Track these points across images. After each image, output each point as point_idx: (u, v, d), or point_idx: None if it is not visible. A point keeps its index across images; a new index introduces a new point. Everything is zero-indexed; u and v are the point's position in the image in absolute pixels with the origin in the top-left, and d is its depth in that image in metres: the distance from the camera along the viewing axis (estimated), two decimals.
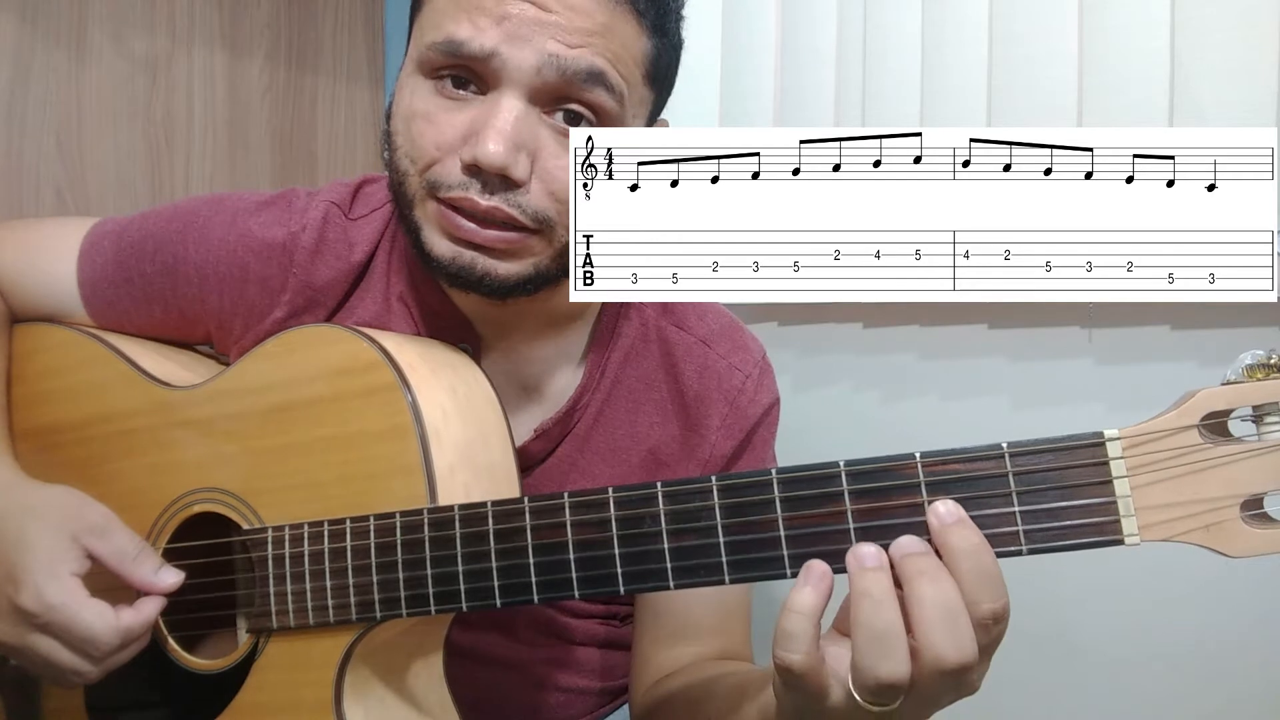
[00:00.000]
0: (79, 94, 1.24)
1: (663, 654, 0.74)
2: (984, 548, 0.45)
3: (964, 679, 0.45)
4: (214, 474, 0.66)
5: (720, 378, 0.75)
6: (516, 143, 0.59)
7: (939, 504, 0.46)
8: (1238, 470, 0.45)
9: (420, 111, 0.62)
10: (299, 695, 0.61)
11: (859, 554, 0.46)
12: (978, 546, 0.45)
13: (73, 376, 0.73)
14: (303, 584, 0.61)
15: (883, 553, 0.46)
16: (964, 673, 0.44)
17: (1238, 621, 0.91)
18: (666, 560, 0.51)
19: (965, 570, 0.45)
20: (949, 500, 0.46)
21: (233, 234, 0.73)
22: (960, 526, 0.46)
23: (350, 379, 0.62)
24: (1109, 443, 0.46)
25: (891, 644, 0.44)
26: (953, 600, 0.44)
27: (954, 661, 0.44)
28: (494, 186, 0.60)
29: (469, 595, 0.56)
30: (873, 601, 0.45)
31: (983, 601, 0.44)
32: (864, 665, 0.44)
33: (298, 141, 1.49)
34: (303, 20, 1.49)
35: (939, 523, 0.46)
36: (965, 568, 0.45)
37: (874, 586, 0.45)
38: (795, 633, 0.45)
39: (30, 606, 0.60)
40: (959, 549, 0.45)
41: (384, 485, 0.60)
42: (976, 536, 0.45)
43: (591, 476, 0.75)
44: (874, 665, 0.44)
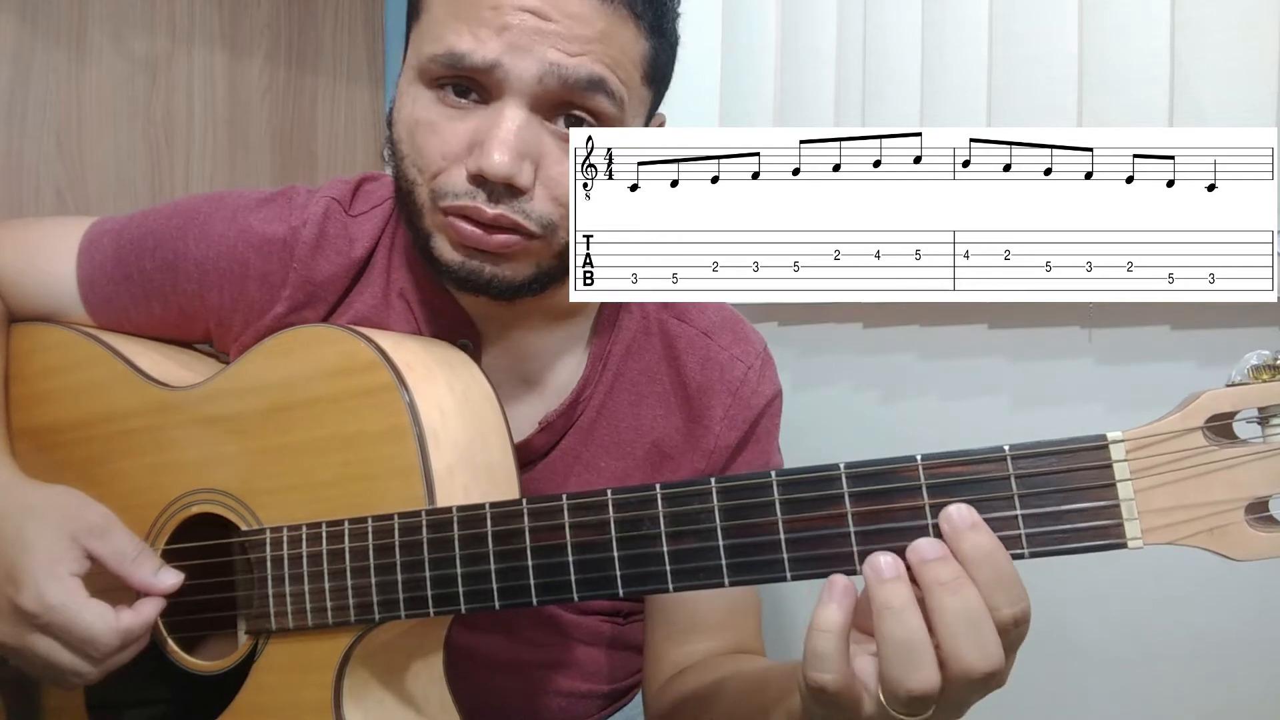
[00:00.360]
0: (79, 94, 1.24)
1: (675, 650, 0.74)
2: (1000, 551, 0.45)
3: (992, 682, 0.45)
4: (212, 475, 0.66)
5: (723, 369, 0.75)
6: (520, 152, 0.60)
7: (951, 508, 0.46)
8: (1243, 473, 0.45)
9: (424, 121, 0.62)
10: (298, 697, 0.61)
11: (876, 565, 0.45)
12: (993, 550, 0.45)
13: (71, 376, 0.73)
14: (301, 585, 0.61)
15: (899, 561, 0.45)
16: (992, 678, 0.44)
17: (1238, 621, 0.91)
18: (665, 563, 0.51)
19: (984, 577, 0.44)
20: (961, 505, 0.46)
21: (233, 230, 0.73)
22: (975, 532, 0.45)
23: (348, 379, 0.62)
24: (1112, 445, 0.46)
25: (919, 655, 0.44)
26: (975, 609, 0.44)
27: (982, 670, 0.43)
28: (499, 195, 0.61)
29: (467, 597, 0.55)
30: (894, 613, 0.44)
31: (1003, 607, 0.44)
32: (893, 677, 0.44)
33: (298, 141, 1.49)
34: (303, 20, 1.49)
35: (952, 528, 0.45)
36: (984, 575, 0.44)
37: (894, 598, 0.44)
38: (826, 653, 0.45)
39: (30, 607, 0.60)
40: (975, 555, 0.45)
41: (382, 486, 0.60)
42: (992, 540, 0.45)
43: (596, 470, 0.75)
44: (903, 678, 0.44)
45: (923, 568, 0.45)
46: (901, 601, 0.44)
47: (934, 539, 0.46)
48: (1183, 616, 0.94)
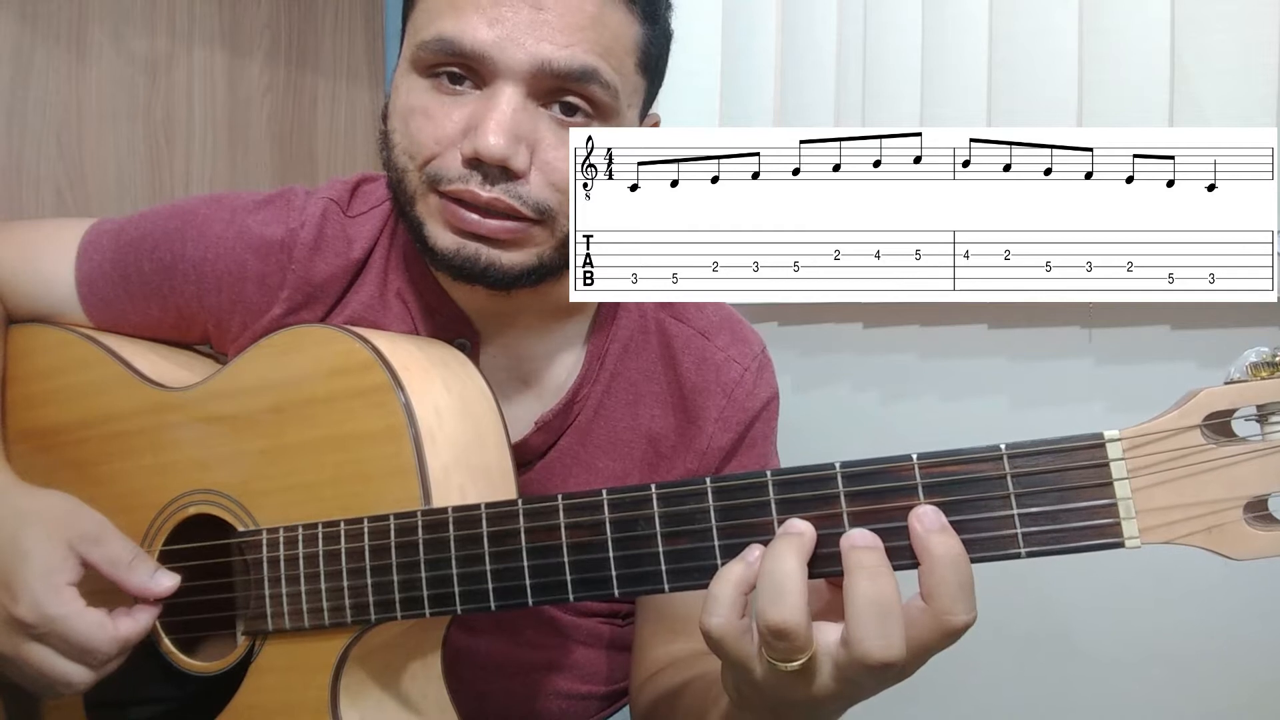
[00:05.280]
0: (79, 94, 1.24)
1: (660, 649, 0.74)
2: (964, 557, 0.45)
3: (889, 673, 0.46)
4: (209, 475, 0.65)
5: (718, 370, 0.75)
6: (516, 134, 0.60)
7: (922, 508, 0.46)
8: (1241, 471, 0.44)
9: (418, 108, 0.62)
10: (296, 697, 0.61)
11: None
12: (959, 556, 0.45)
13: (69, 378, 0.73)
14: (298, 586, 0.60)
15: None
16: (889, 668, 0.45)
17: (1237, 622, 0.91)
18: (661, 563, 0.51)
19: (951, 579, 0.45)
20: (930, 506, 0.46)
21: (231, 231, 0.73)
22: (944, 534, 0.46)
23: (344, 380, 0.61)
24: (1109, 444, 0.45)
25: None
26: (888, 599, 0.45)
27: (879, 659, 0.44)
28: (495, 178, 0.60)
29: (463, 598, 0.55)
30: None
31: (961, 614, 0.45)
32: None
33: (298, 141, 1.49)
34: (303, 20, 1.49)
35: (922, 528, 0.46)
36: (951, 577, 0.45)
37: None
38: (719, 598, 0.47)
39: (27, 618, 0.60)
40: (941, 556, 0.45)
41: (378, 487, 0.59)
42: (959, 546, 0.45)
43: (594, 470, 0.75)
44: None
45: (851, 552, 0.46)
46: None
47: (868, 531, 0.47)
48: (1183, 617, 0.94)
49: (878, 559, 0.46)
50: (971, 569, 0.46)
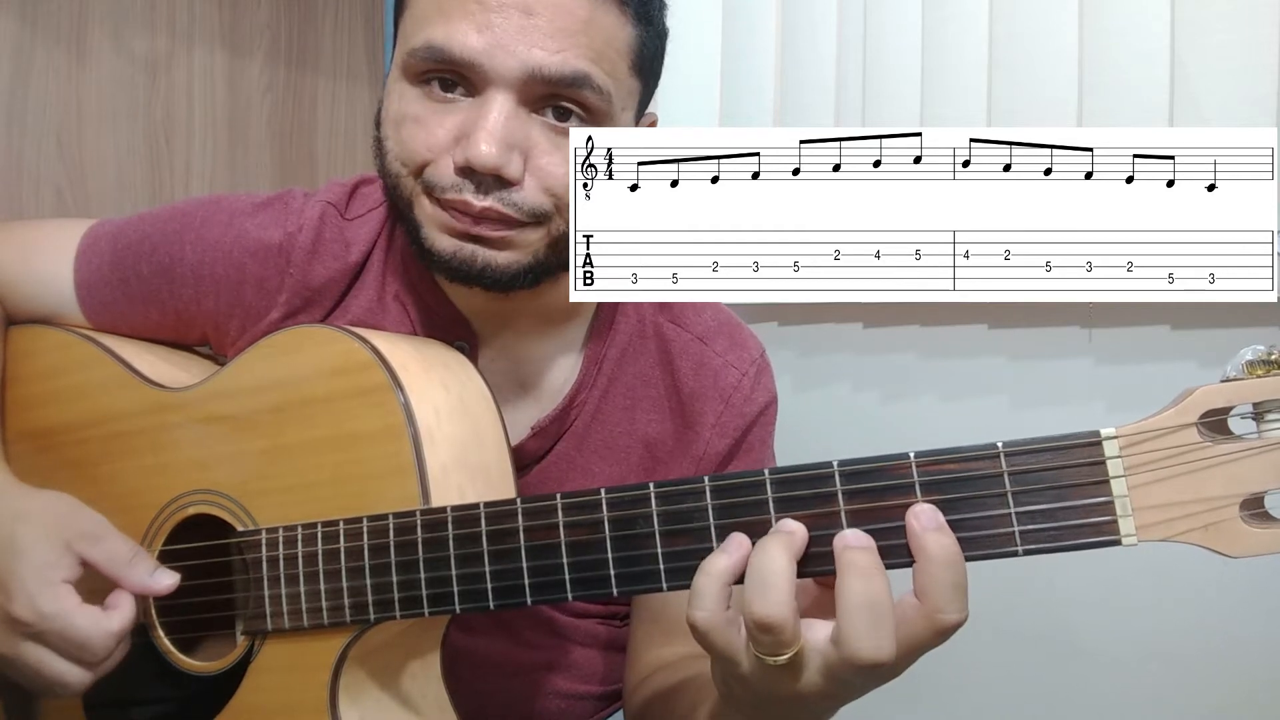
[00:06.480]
0: (79, 94, 1.24)
1: (652, 653, 0.74)
2: (959, 556, 0.45)
3: (878, 673, 0.46)
4: (208, 475, 0.65)
5: (716, 375, 0.75)
6: (508, 142, 0.59)
7: (919, 506, 0.46)
8: (1238, 469, 0.44)
9: (410, 115, 0.62)
10: (295, 697, 0.61)
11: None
12: (954, 556, 0.45)
13: (68, 378, 0.73)
14: (297, 586, 0.60)
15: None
16: (878, 668, 0.45)
17: (1235, 619, 0.91)
18: (660, 562, 0.51)
19: (939, 577, 0.45)
20: (928, 505, 0.46)
21: (229, 235, 0.73)
22: (940, 533, 0.46)
23: (343, 379, 0.61)
24: (1106, 441, 0.45)
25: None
26: (880, 600, 0.45)
27: (869, 659, 0.44)
28: (488, 186, 0.60)
29: (462, 597, 0.55)
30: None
31: (950, 612, 0.45)
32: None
33: (298, 141, 1.50)
34: (303, 20, 1.49)
35: (919, 526, 0.46)
36: (946, 576, 0.45)
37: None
38: (703, 591, 0.47)
39: (23, 615, 0.60)
40: (936, 555, 0.45)
41: (377, 486, 0.59)
42: (954, 545, 0.46)
43: (590, 474, 0.75)
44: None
45: (844, 552, 0.46)
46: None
47: (862, 532, 0.47)
48: (1181, 615, 0.94)
49: (871, 559, 0.46)
50: (966, 569, 0.46)
